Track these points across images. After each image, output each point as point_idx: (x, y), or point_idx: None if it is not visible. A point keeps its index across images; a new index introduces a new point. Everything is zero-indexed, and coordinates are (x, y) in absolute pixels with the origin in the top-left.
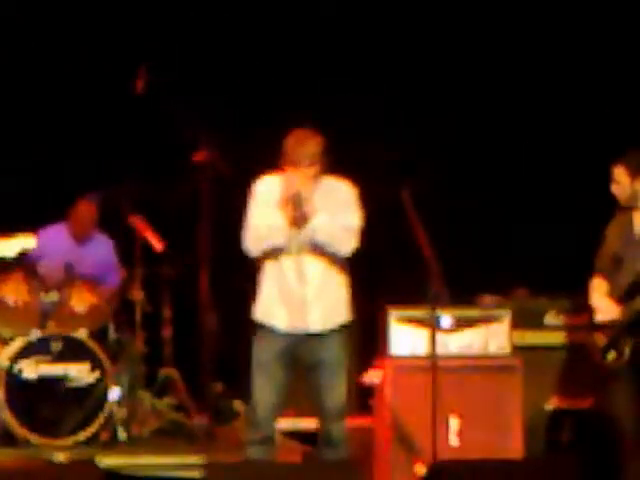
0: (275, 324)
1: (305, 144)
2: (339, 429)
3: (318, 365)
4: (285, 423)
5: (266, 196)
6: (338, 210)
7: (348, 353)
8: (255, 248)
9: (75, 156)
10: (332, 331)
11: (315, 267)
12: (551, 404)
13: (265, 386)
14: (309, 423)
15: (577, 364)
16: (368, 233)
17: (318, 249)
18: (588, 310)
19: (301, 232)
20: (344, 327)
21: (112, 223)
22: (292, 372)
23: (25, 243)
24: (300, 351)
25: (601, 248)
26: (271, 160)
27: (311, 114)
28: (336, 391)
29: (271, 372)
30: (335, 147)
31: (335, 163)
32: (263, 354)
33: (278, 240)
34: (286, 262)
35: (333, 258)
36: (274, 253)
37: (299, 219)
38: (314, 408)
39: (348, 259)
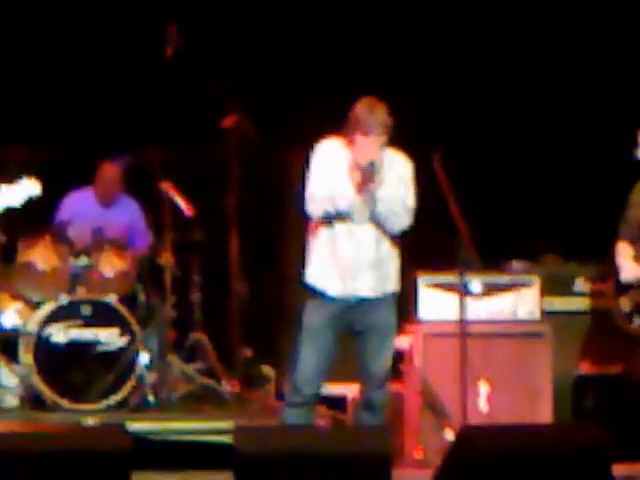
0: (327, 289)
1: (377, 113)
2: (381, 395)
3: (368, 330)
4: None
5: (331, 159)
6: (399, 185)
7: (396, 321)
8: (318, 211)
9: (103, 120)
10: (382, 298)
11: (370, 236)
12: (580, 370)
13: (313, 352)
14: (338, 388)
15: (606, 330)
16: None
17: (376, 220)
18: (613, 275)
19: (365, 201)
20: (393, 295)
21: (141, 188)
22: (340, 339)
23: (30, 189)
24: (351, 316)
25: (625, 213)
26: (299, 125)
27: (338, 78)
28: (383, 357)
29: (321, 338)
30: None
31: None
32: (314, 320)
33: (342, 206)
34: (342, 229)
35: (387, 231)
36: (335, 218)
37: (367, 188)
38: (359, 372)
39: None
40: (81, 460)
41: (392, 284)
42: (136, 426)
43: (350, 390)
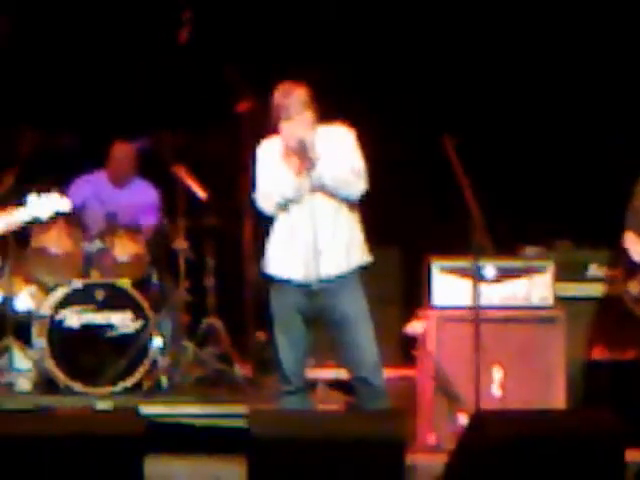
0: (290, 275)
1: (291, 93)
2: (381, 380)
3: (345, 322)
4: (327, 373)
5: (269, 156)
6: (341, 154)
7: (364, 295)
8: (270, 207)
9: (117, 105)
10: (347, 276)
11: (326, 211)
12: (593, 356)
13: (287, 342)
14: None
15: (618, 316)
16: (412, 182)
17: (328, 194)
18: (623, 260)
19: (309, 179)
20: (360, 268)
21: (156, 173)
22: (314, 324)
23: (59, 204)
24: (319, 302)
25: (631, 204)
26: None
27: (353, 64)
28: (371, 343)
29: (291, 327)
30: (378, 95)
31: (376, 111)
32: (281, 309)
33: (289, 193)
34: (296, 212)
35: (343, 201)
36: (287, 206)
37: (306, 166)
38: (349, 364)
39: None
40: (94, 444)
41: (357, 256)
42: (149, 410)
43: None
